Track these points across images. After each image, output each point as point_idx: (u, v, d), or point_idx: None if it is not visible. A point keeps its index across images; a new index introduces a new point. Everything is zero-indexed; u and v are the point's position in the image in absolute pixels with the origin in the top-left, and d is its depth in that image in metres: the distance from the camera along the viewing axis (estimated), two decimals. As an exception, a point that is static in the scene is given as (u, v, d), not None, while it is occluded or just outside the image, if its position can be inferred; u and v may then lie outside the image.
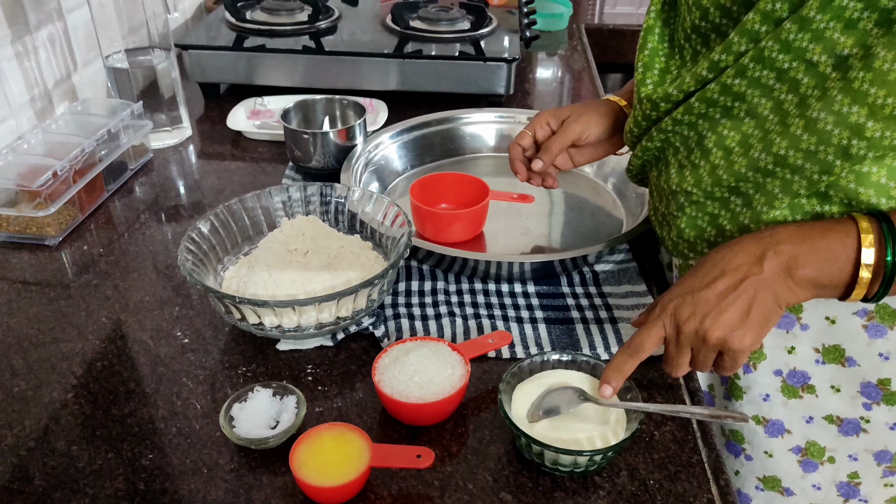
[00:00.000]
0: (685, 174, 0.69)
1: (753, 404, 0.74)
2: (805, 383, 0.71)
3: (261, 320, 0.71)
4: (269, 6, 1.35)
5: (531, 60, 1.55)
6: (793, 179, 0.60)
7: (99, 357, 0.74)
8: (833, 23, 0.55)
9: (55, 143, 0.97)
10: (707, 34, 0.66)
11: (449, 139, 1.11)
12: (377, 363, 0.67)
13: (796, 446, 0.74)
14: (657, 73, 0.72)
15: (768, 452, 0.75)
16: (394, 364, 0.66)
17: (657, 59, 0.72)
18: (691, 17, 0.66)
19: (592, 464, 0.60)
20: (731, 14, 0.63)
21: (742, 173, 0.63)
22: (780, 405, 0.73)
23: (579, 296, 0.81)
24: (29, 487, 0.60)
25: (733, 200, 0.66)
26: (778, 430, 0.74)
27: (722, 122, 0.65)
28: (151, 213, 0.99)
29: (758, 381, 0.73)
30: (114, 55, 1.11)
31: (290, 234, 0.81)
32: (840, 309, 0.66)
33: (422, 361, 0.66)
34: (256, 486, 0.60)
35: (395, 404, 0.64)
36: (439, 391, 0.64)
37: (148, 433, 0.65)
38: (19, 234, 0.91)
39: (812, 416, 0.72)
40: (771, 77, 0.60)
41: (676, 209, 0.71)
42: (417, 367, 0.65)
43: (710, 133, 0.66)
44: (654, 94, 0.70)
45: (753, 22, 0.58)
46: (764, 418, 0.74)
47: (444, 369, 0.66)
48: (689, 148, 0.69)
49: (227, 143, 1.17)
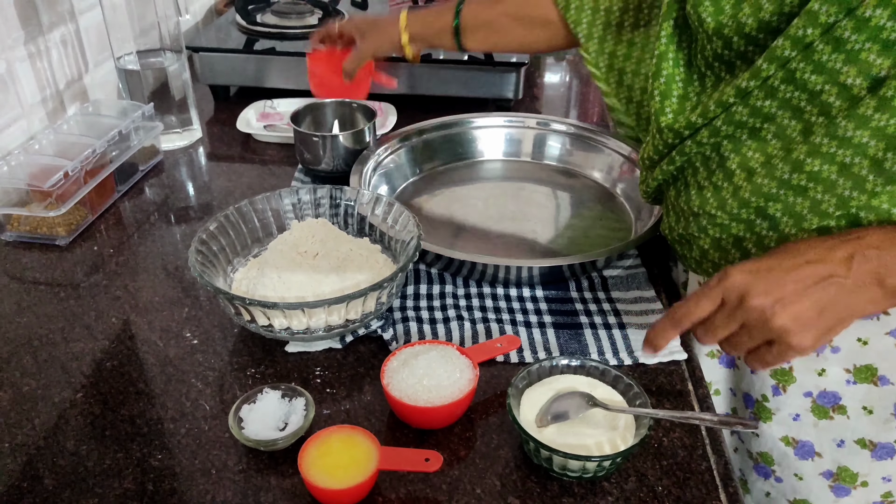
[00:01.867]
0: (706, 195, 0.68)
1: (783, 425, 0.73)
2: (836, 404, 0.70)
3: (270, 322, 0.71)
4: (280, 9, 1.35)
5: (540, 65, 1.56)
6: (823, 199, 0.59)
7: (108, 357, 0.74)
8: (869, 44, 0.54)
9: (66, 143, 0.97)
10: (732, 61, 0.65)
11: (458, 143, 1.11)
12: (386, 366, 0.67)
13: (827, 471, 0.73)
14: (675, 100, 0.70)
15: (798, 475, 0.74)
16: (402, 367, 0.66)
17: (674, 86, 0.70)
18: (712, 46, 0.65)
19: (601, 469, 0.60)
20: (756, 41, 0.62)
21: (772, 193, 0.62)
22: (811, 426, 0.72)
23: (588, 301, 0.81)
24: (38, 486, 0.60)
25: (759, 223, 0.65)
26: (808, 453, 0.73)
27: (747, 143, 0.64)
28: (161, 214, 0.99)
29: (787, 403, 0.72)
30: (125, 57, 1.11)
31: (299, 237, 0.82)
32: (873, 329, 0.65)
33: (430, 365, 0.66)
34: (265, 487, 0.61)
35: (403, 407, 0.64)
36: (448, 395, 0.64)
37: (157, 433, 0.65)
38: (30, 233, 0.91)
39: (843, 440, 0.71)
40: (803, 98, 0.59)
41: (698, 230, 0.70)
42: (426, 371, 0.65)
43: (733, 154, 0.65)
44: (676, 124, 0.68)
45: (783, 48, 0.58)
46: (794, 439, 0.73)
47: (452, 373, 0.66)
48: (709, 169, 0.68)
49: (236, 146, 1.17)
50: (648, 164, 0.76)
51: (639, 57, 0.88)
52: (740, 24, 0.62)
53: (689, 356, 0.74)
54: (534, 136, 1.12)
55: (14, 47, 1.02)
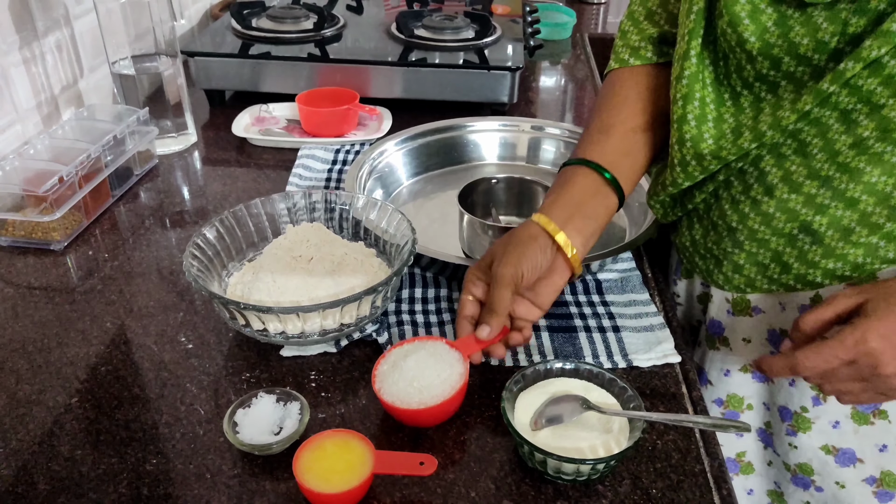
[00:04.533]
0: (743, 210, 0.67)
1: (823, 434, 0.73)
2: (876, 409, 0.70)
3: (265, 326, 0.71)
4: (275, 14, 1.35)
5: (535, 69, 1.56)
6: (874, 211, 0.60)
7: (103, 362, 0.74)
8: None
9: (61, 148, 0.97)
10: (776, 82, 0.63)
11: (453, 147, 1.12)
12: (376, 370, 0.67)
13: (870, 476, 0.72)
14: (712, 124, 0.66)
15: (840, 483, 0.74)
16: (392, 370, 0.66)
17: (708, 109, 0.66)
18: (755, 67, 0.63)
19: (595, 472, 0.60)
20: (810, 62, 0.60)
21: (824, 204, 0.62)
22: (851, 433, 0.71)
23: (582, 304, 0.82)
24: (33, 492, 0.60)
25: (801, 238, 0.65)
26: (849, 460, 0.72)
27: (790, 158, 0.63)
28: (156, 219, 0.99)
29: (827, 411, 0.72)
30: (120, 61, 1.12)
31: (294, 241, 0.82)
32: None
33: (419, 366, 0.66)
34: (259, 492, 0.61)
35: (396, 411, 0.64)
36: (439, 393, 0.64)
37: (152, 438, 0.65)
38: (25, 238, 0.91)
39: (886, 445, 0.70)
40: (864, 111, 0.58)
41: (733, 245, 0.69)
42: (416, 373, 0.65)
43: (774, 168, 0.64)
44: (723, 151, 0.65)
45: (853, 70, 0.56)
46: (834, 447, 0.72)
47: (442, 370, 0.65)
48: (746, 183, 0.67)
49: (231, 150, 1.17)
50: (671, 191, 0.72)
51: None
52: (793, 44, 0.60)
53: (682, 360, 0.74)
54: (528, 140, 1.12)
55: (9, 52, 1.02)
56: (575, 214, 0.69)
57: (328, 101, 1.18)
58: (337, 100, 1.18)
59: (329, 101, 1.18)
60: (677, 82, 0.67)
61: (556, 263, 0.68)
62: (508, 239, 0.69)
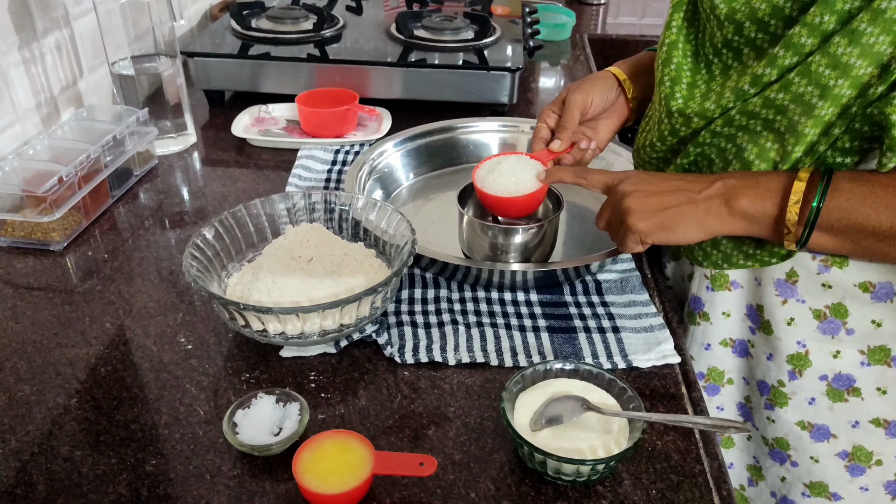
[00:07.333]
0: None
1: (799, 409, 0.75)
2: (850, 386, 0.71)
3: (265, 327, 0.71)
4: (275, 14, 1.36)
5: (534, 70, 1.56)
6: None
7: (102, 362, 0.74)
8: (882, 36, 0.55)
9: (61, 148, 0.97)
10: (739, 48, 0.67)
11: (452, 147, 1.12)
12: (475, 174, 0.84)
13: (843, 451, 0.74)
14: (685, 87, 0.72)
15: (814, 458, 0.75)
16: (489, 174, 0.82)
17: (683, 74, 0.72)
18: (723, 33, 0.67)
19: (595, 473, 0.60)
20: (767, 28, 0.64)
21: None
22: (826, 409, 0.73)
23: (582, 305, 0.82)
24: (32, 492, 0.60)
25: None
26: (824, 435, 0.74)
27: (763, 135, 0.66)
28: (156, 220, 0.99)
29: (803, 387, 0.73)
30: (120, 62, 1.12)
31: (294, 242, 0.82)
32: (888, 312, 0.67)
33: (512, 168, 0.82)
34: (259, 492, 0.61)
35: (500, 200, 0.81)
36: (531, 186, 0.81)
37: (151, 439, 0.65)
38: (24, 239, 0.91)
39: (858, 421, 0.72)
40: (815, 94, 0.60)
41: None
42: (512, 171, 0.81)
43: (750, 145, 0.67)
44: (688, 109, 0.70)
45: (800, 35, 0.59)
46: (809, 423, 0.74)
47: (529, 171, 0.82)
48: (726, 160, 0.69)
49: (231, 150, 1.17)
50: (649, 152, 0.77)
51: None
52: (753, 9, 0.64)
53: (683, 359, 0.74)
54: (528, 141, 1.12)
55: (8, 52, 1.02)
56: (637, 75, 0.86)
57: (328, 102, 1.18)
58: (336, 100, 1.18)
59: (328, 101, 1.18)
60: (659, 49, 0.76)
61: (617, 103, 0.86)
62: (583, 79, 0.87)
